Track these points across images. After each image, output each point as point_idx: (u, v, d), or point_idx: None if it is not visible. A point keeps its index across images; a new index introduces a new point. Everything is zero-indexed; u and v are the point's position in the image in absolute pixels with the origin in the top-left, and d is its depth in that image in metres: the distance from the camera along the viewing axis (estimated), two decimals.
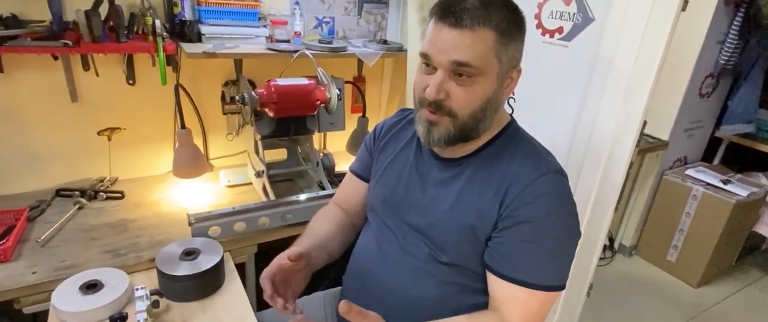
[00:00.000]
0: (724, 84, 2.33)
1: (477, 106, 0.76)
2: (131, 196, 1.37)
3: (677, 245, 2.31)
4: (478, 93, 0.75)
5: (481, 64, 0.73)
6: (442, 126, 0.79)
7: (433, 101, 0.76)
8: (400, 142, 0.97)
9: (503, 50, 0.74)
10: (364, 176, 1.05)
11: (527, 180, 0.77)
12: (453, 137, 0.79)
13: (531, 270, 0.77)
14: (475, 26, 0.71)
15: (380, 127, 1.03)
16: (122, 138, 1.44)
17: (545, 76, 1.18)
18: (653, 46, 0.96)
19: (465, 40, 0.71)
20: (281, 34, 1.49)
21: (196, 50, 1.25)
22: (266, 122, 1.34)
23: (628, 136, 1.03)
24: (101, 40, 1.21)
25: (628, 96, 1.00)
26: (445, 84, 0.75)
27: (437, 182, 0.87)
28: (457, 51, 0.72)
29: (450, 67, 0.73)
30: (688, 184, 2.22)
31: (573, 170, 0.87)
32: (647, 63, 0.98)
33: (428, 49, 0.75)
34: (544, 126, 0.93)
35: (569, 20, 1.13)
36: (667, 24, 0.94)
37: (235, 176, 1.54)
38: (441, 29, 0.73)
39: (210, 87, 1.54)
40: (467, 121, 0.77)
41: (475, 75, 0.73)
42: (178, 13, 1.34)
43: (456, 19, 0.71)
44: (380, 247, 0.93)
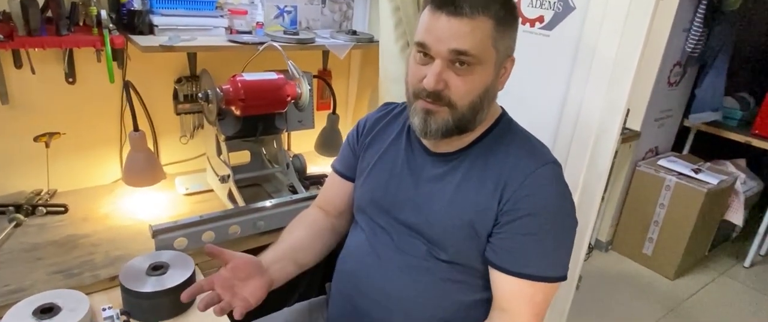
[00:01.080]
0: (691, 72, 2.55)
1: (476, 96, 0.82)
2: (76, 209, 1.33)
3: (653, 237, 2.50)
4: (477, 83, 0.81)
5: (480, 53, 0.78)
6: (440, 116, 0.83)
7: (431, 92, 0.80)
8: (387, 137, 1.01)
9: (500, 39, 0.80)
10: (349, 175, 1.08)
11: (525, 172, 0.84)
12: (451, 128, 0.84)
13: (537, 263, 0.83)
14: (474, 14, 0.76)
15: (364, 123, 1.07)
16: (62, 144, 1.40)
17: (527, 66, 1.26)
18: (634, 35, 1.06)
19: (464, 29, 0.77)
20: (241, 25, 1.50)
21: (152, 43, 1.24)
22: (230, 122, 1.35)
23: (612, 123, 1.12)
24: (38, 34, 1.18)
25: (612, 84, 1.10)
26: (444, 73, 0.79)
27: (431, 177, 0.92)
28: (456, 39, 0.77)
29: (449, 56, 0.78)
30: (660, 174, 2.42)
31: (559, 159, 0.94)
32: (629, 51, 1.08)
33: (425, 38, 0.79)
34: (529, 116, 0.99)
35: (550, 9, 1.21)
36: (647, 12, 1.04)
37: (194, 182, 1.53)
38: (439, 18, 0.78)
39: (160, 84, 1.52)
40: (466, 112, 0.83)
41: (474, 64, 0.79)
42: (126, 2, 1.32)
43: (455, 7, 0.76)
44: (373, 247, 0.97)
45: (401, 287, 0.92)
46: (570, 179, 0.90)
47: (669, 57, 2.33)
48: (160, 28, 1.34)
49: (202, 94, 1.26)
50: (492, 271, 0.87)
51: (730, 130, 2.59)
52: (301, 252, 1.02)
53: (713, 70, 2.45)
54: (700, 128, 2.67)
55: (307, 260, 1.03)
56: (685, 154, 2.75)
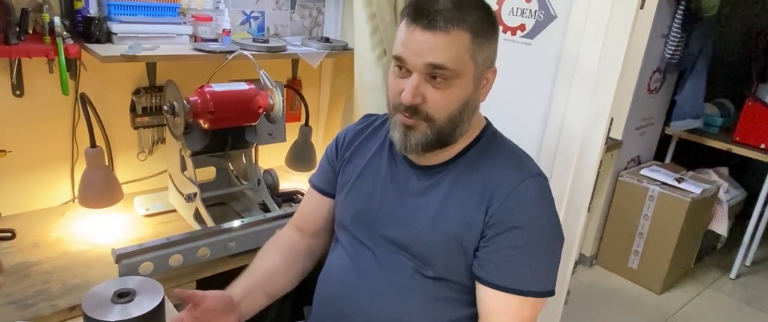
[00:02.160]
0: (670, 79, 2.72)
1: (454, 109, 0.88)
2: (25, 234, 1.33)
3: (638, 250, 2.63)
4: (455, 96, 0.87)
5: (457, 67, 0.84)
6: (419, 131, 0.89)
7: (409, 106, 0.87)
8: (368, 150, 1.07)
9: (478, 51, 0.87)
10: (328, 191, 1.13)
11: (511, 184, 0.90)
12: (431, 142, 0.90)
13: (524, 277, 0.89)
14: (449, 28, 0.83)
15: (343, 136, 1.12)
16: (7, 164, 1.39)
17: (509, 76, 1.35)
18: (616, 42, 1.16)
19: (439, 42, 0.83)
20: (206, 32, 1.54)
21: (112, 53, 1.27)
22: (197, 136, 1.38)
23: (597, 133, 1.22)
24: None
25: (595, 93, 1.19)
26: (421, 87, 0.86)
27: (416, 191, 0.98)
28: (431, 53, 0.83)
29: (425, 69, 0.84)
30: (644, 184, 2.56)
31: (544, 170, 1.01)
32: (611, 59, 1.18)
33: (402, 52, 0.86)
34: (512, 127, 1.07)
35: (531, 17, 1.31)
36: (628, 21, 1.14)
37: (154, 202, 1.54)
38: (414, 31, 0.84)
39: (116, 96, 1.53)
40: (445, 125, 0.89)
41: (451, 77, 0.85)
42: (81, 8, 1.34)
43: (429, 20, 0.83)
44: (356, 266, 1.01)
45: (388, 306, 0.97)
46: (555, 191, 0.97)
47: (648, 63, 2.49)
48: (118, 36, 1.36)
49: (167, 106, 1.29)
50: (478, 285, 0.92)
51: (712, 138, 2.77)
52: (275, 279, 1.06)
53: (693, 76, 2.63)
54: (682, 136, 2.84)
55: (280, 288, 1.07)
56: (667, 163, 2.91)
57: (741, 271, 2.81)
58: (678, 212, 2.46)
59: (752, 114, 2.62)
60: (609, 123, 1.20)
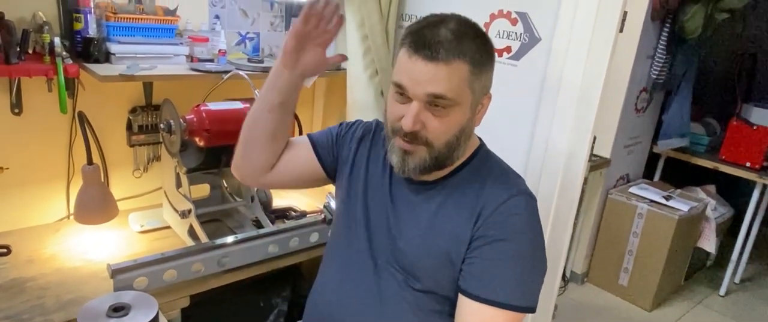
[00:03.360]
0: (657, 98, 2.79)
1: (452, 136, 0.92)
2: (20, 251, 1.35)
3: (628, 267, 2.67)
4: (453, 123, 0.91)
5: (456, 96, 0.88)
6: (417, 155, 0.93)
7: (409, 132, 0.90)
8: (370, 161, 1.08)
9: (476, 80, 0.90)
10: (321, 154, 1.12)
11: (499, 200, 0.94)
12: (428, 166, 0.94)
13: (503, 290, 0.91)
14: (450, 59, 0.86)
15: (355, 128, 1.13)
16: (3, 181, 1.42)
17: (496, 96, 1.39)
18: (598, 64, 1.21)
19: (440, 74, 0.86)
20: (202, 53, 1.58)
21: (110, 73, 1.31)
22: (193, 153, 1.41)
23: (580, 150, 1.26)
24: None
25: (579, 112, 1.25)
26: (421, 115, 0.89)
27: (408, 205, 1.01)
28: (432, 84, 0.87)
29: (426, 98, 0.88)
30: (632, 202, 2.61)
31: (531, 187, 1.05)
32: (593, 80, 1.23)
33: (402, 80, 0.90)
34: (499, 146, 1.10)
35: (517, 40, 1.36)
36: (608, 43, 1.20)
37: (149, 219, 1.56)
38: (416, 61, 0.87)
39: (113, 115, 1.57)
40: (443, 150, 0.93)
41: (451, 106, 0.89)
42: (81, 29, 1.38)
43: (432, 52, 0.86)
44: (349, 275, 1.04)
45: (378, 317, 1.00)
46: (542, 207, 1.01)
47: (635, 83, 2.56)
48: (117, 57, 1.40)
49: (164, 124, 1.33)
50: (459, 297, 0.95)
51: (698, 157, 2.83)
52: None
53: (678, 96, 2.70)
54: (670, 154, 2.90)
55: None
56: (656, 181, 2.97)
57: (730, 288, 2.86)
58: (666, 229, 2.50)
59: (737, 133, 2.69)
60: (592, 141, 1.25)
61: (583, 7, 1.21)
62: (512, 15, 1.37)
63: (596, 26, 1.20)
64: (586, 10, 1.21)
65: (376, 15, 1.61)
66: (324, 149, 1.13)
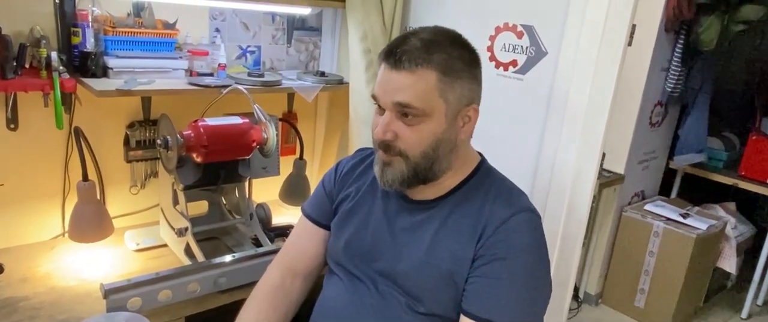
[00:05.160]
0: (673, 112, 2.79)
1: (426, 147, 0.94)
2: (13, 269, 1.36)
3: (644, 288, 2.64)
4: (426, 133, 0.93)
5: (424, 105, 0.90)
6: (395, 167, 0.96)
7: (381, 141, 0.94)
8: (362, 184, 1.12)
9: (448, 89, 0.92)
10: (322, 222, 1.16)
11: (501, 218, 0.95)
12: (407, 178, 0.96)
13: (505, 310, 0.91)
14: (413, 67, 0.89)
15: (343, 166, 1.17)
16: None
17: (502, 110, 1.41)
18: (606, 79, 1.22)
19: (405, 81, 0.90)
20: (202, 67, 1.60)
21: (107, 88, 1.33)
22: (190, 170, 1.42)
23: (589, 167, 1.27)
24: None
25: (586, 128, 1.25)
26: (393, 125, 0.93)
27: (408, 226, 1.02)
28: (398, 92, 0.90)
29: (395, 108, 0.92)
30: (648, 220, 2.59)
31: (538, 206, 1.05)
32: (601, 95, 1.24)
33: (376, 91, 0.94)
34: (506, 162, 1.11)
35: (523, 53, 1.38)
36: (616, 57, 1.21)
37: (145, 237, 1.57)
38: (384, 71, 0.92)
39: (110, 130, 1.59)
40: (420, 161, 0.95)
41: (421, 115, 0.91)
42: (78, 43, 1.40)
43: (396, 60, 0.90)
44: (352, 299, 1.05)
45: None
46: (549, 227, 1.02)
47: (649, 97, 2.56)
48: (114, 71, 1.42)
49: (160, 140, 1.34)
50: (461, 318, 0.95)
51: (717, 173, 2.81)
52: None
53: (695, 109, 2.69)
54: (687, 170, 2.88)
55: None
56: (673, 198, 2.95)
57: (752, 310, 2.81)
58: (684, 248, 2.48)
59: (757, 148, 2.67)
60: (601, 157, 1.25)
61: (590, 20, 1.22)
62: (518, 28, 1.38)
63: (604, 40, 1.21)
64: (593, 24, 1.22)
65: (378, 27, 1.63)
66: (324, 214, 1.16)
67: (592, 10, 1.22)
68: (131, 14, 1.50)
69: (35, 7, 1.38)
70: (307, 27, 1.93)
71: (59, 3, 1.40)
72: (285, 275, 1.16)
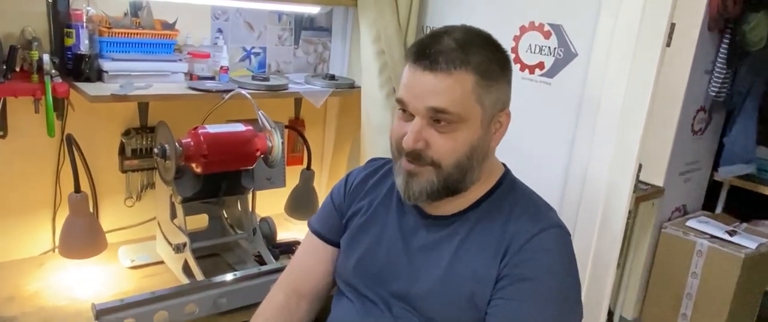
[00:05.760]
0: (717, 119, 2.74)
1: (461, 155, 0.92)
2: (1, 287, 1.37)
3: (686, 313, 2.59)
4: (461, 141, 0.91)
5: (461, 110, 0.89)
6: (423, 177, 0.93)
7: (411, 151, 0.91)
8: (375, 198, 1.10)
9: (485, 93, 0.91)
10: (331, 238, 1.15)
11: (527, 235, 0.93)
12: (437, 190, 0.94)
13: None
14: (451, 69, 0.87)
15: (353, 178, 1.16)
16: None
17: (528, 117, 1.39)
18: (642, 83, 1.20)
19: (441, 85, 0.88)
20: (203, 70, 1.61)
21: (102, 93, 1.34)
22: (189, 181, 1.42)
23: (623, 180, 1.24)
24: None
25: (621, 137, 1.23)
26: (424, 132, 0.90)
27: (425, 244, 1.00)
28: (433, 97, 0.88)
29: (427, 113, 0.89)
30: (690, 237, 2.54)
31: (568, 222, 1.04)
32: (637, 101, 1.21)
33: (403, 95, 0.92)
34: (531, 173, 1.09)
35: (550, 55, 1.36)
36: (654, 59, 1.18)
37: (140, 253, 1.58)
38: (415, 73, 0.89)
39: (104, 137, 1.60)
40: (452, 171, 0.92)
41: (456, 122, 0.89)
42: (72, 45, 1.42)
43: (431, 62, 0.88)
44: None
45: None
46: (580, 245, 1.00)
47: (691, 102, 2.51)
48: (110, 74, 1.43)
49: (158, 149, 1.35)
50: None
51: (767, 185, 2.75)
52: None
53: (742, 115, 2.64)
54: (734, 183, 2.82)
55: None
56: (718, 213, 2.89)
57: None
58: (731, 269, 2.42)
59: None
60: (637, 169, 1.23)
61: (625, 18, 1.20)
62: (545, 27, 1.37)
63: (639, 39, 1.19)
64: (627, 22, 1.20)
65: (393, 27, 1.63)
66: (333, 231, 1.15)
67: (626, 8, 1.20)
68: (128, 14, 1.51)
69: (27, 7, 1.40)
70: (315, 27, 1.93)
71: (52, 2, 1.41)
72: (290, 296, 1.15)
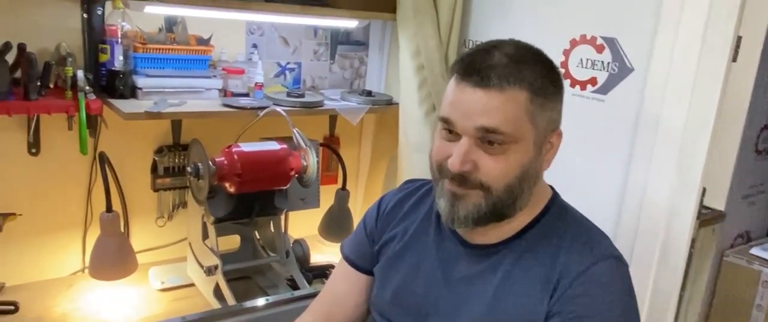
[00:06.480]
0: None
1: (513, 179, 0.89)
2: (28, 308, 1.41)
3: None
4: (512, 163, 0.89)
5: (514, 130, 0.87)
6: (470, 201, 0.91)
7: (457, 174, 0.89)
8: (411, 223, 1.09)
9: (539, 112, 0.89)
10: (362, 266, 1.15)
11: (579, 268, 0.90)
12: (484, 215, 0.91)
13: None
14: (504, 85, 0.85)
15: (387, 201, 1.15)
16: (16, 228, 1.50)
17: (578, 137, 1.37)
18: (706, 100, 1.17)
19: (493, 102, 0.86)
20: (237, 86, 1.64)
21: (136, 110, 1.38)
22: (222, 201, 1.45)
23: (686, 206, 1.21)
24: (5, 98, 1.31)
25: (683, 158, 1.20)
26: (472, 153, 0.88)
27: (466, 276, 0.98)
28: (483, 115, 0.86)
29: (476, 133, 0.87)
30: (755, 266, 2.46)
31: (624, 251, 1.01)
32: (700, 119, 1.19)
33: (449, 113, 0.89)
34: (582, 198, 1.06)
35: (603, 70, 1.35)
36: (718, 75, 1.16)
37: (171, 274, 1.61)
38: (464, 89, 0.87)
39: (136, 155, 1.64)
40: (502, 196, 0.90)
41: (508, 142, 0.87)
42: (106, 61, 1.47)
43: (482, 77, 0.86)
44: None
45: None
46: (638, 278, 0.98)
47: (754, 120, 2.45)
48: (143, 91, 1.48)
49: (191, 168, 1.38)
50: None
51: None
52: None
53: None
54: None
55: None
56: None
57: None
58: None
59: None
60: (700, 194, 1.20)
61: (686, 30, 1.18)
62: (598, 41, 1.36)
63: (702, 54, 1.17)
64: (689, 35, 1.18)
65: (433, 41, 1.64)
66: (364, 258, 1.14)
67: (688, 19, 1.18)
68: (163, 29, 1.56)
69: (62, 22, 1.46)
70: (352, 41, 1.96)
71: (87, 18, 1.47)
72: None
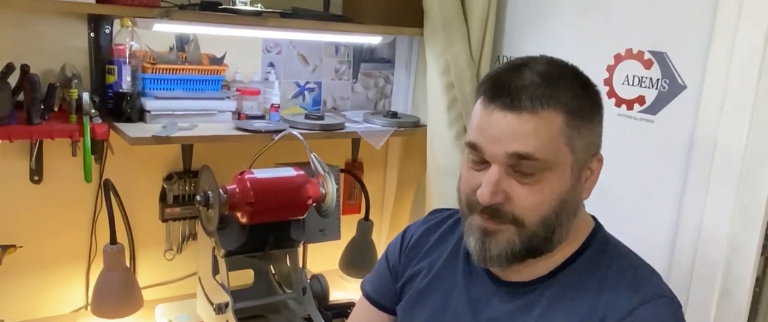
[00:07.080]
0: None
1: (548, 210, 0.85)
2: None
3: None
4: (548, 193, 0.84)
5: (549, 156, 0.83)
6: (502, 237, 0.87)
7: (487, 206, 0.85)
8: (438, 258, 1.05)
9: (576, 136, 0.85)
10: (384, 304, 1.11)
11: (626, 308, 0.84)
12: (519, 252, 0.87)
13: None
14: (537, 108, 0.82)
15: (411, 234, 1.12)
16: (16, 261, 1.49)
17: (625, 160, 1.32)
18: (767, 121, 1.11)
19: (525, 126, 0.82)
20: (252, 108, 1.62)
21: (143, 134, 1.36)
22: (234, 232, 1.42)
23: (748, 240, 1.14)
24: (6, 122, 1.31)
25: (743, 186, 1.14)
26: (503, 183, 0.84)
27: (499, 317, 0.94)
28: (515, 140, 0.82)
29: (507, 160, 0.83)
30: None
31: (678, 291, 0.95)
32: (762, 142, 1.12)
33: (477, 138, 0.86)
34: (630, 231, 1.02)
35: (652, 88, 1.29)
36: None
37: (179, 312, 1.58)
38: (492, 112, 0.84)
39: (144, 183, 1.63)
40: (537, 230, 0.86)
41: (542, 170, 0.83)
42: (113, 83, 1.46)
43: (512, 99, 0.82)
44: None
45: None
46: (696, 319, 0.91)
47: None
48: (152, 114, 1.46)
49: (200, 196, 1.35)
50: None
51: None
52: None
53: None
54: None
55: None
56: None
57: None
58: None
59: None
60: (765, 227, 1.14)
61: (744, 44, 1.13)
62: (645, 56, 1.31)
63: (763, 69, 1.11)
64: (748, 49, 1.12)
65: (464, 57, 1.61)
66: (386, 296, 1.12)
67: (746, 31, 1.12)
68: (174, 48, 1.55)
69: (68, 42, 1.47)
70: (376, 59, 1.93)
71: (94, 37, 1.47)
72: None
